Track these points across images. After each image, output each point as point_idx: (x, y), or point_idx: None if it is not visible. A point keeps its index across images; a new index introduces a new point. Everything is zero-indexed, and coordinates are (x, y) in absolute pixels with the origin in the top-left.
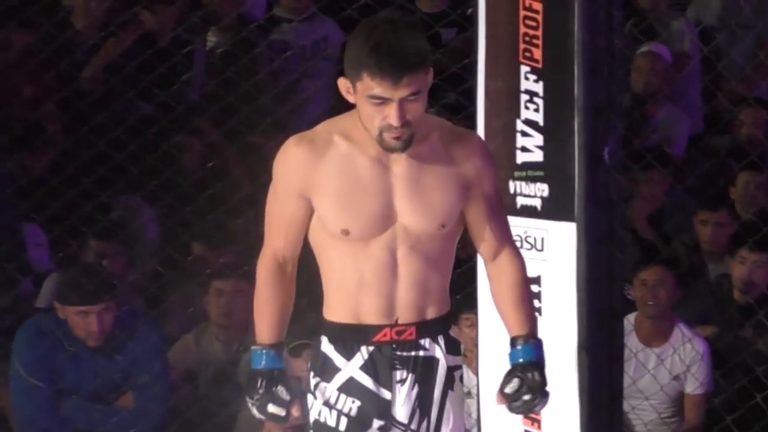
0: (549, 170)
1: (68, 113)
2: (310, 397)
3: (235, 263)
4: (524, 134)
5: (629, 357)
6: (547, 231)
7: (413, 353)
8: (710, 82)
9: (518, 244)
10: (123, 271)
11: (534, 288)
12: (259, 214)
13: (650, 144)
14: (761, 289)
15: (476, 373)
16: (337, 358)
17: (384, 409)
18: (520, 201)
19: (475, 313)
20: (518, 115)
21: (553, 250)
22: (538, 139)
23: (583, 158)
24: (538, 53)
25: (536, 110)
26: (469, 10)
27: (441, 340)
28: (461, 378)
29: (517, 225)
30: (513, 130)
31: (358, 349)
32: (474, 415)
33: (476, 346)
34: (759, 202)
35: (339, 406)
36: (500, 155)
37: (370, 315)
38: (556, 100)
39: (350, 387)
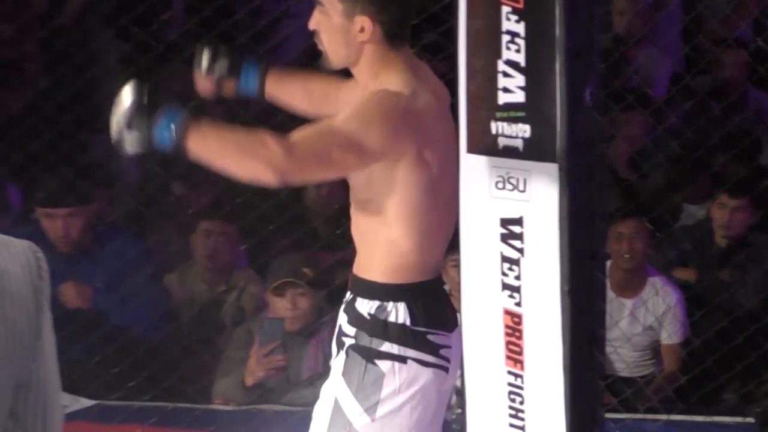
0: (530, 111)
1: (47, 52)
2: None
3: (217, 203)
4: (506, 75)
5: None
6: (529, 172)
7: None
8: (690, 22)
9: (500, 185)
10: (107, 212)
11: (516, 229)
12: None
13: (631, 85)
14: (741, 232)
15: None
16: None
17: None
18: (502, 142)
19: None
20: (499, 56)
21: (535, 191)
22: (519, 79)
23: (565, 99)
24: None
25: (517, 51)
26: None
27: None
28: None
29: (499, 166)
30: (494, 71)
31: None
32: None
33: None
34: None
35: None
36: (481, 96)
37: None
38: (538, 40)
39: None
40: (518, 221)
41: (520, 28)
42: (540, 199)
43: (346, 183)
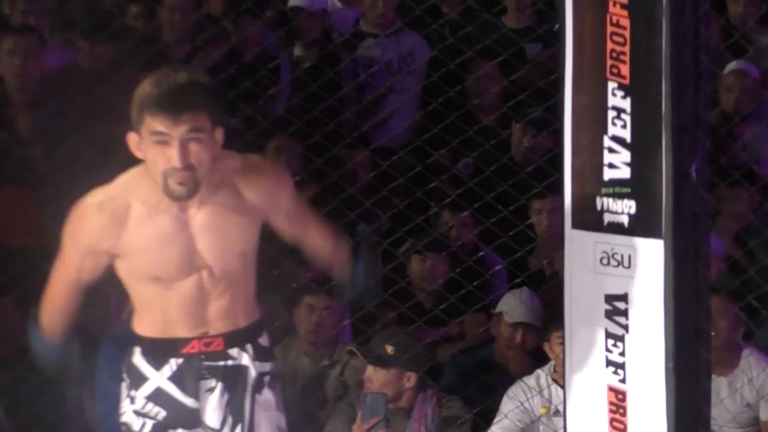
0: (636, 187)
1: None
2: (126, 403)
3: (323, 278)
4: (611, 150)
5: None
6: (634, 248)
7: (221, 363)
8: None
9: (605, 261)
10: None
11: (621, 305)
12: (348, 229)
13: (738, 162)
14: None
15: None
16: (147, 369)
17: (191, 419)
18: (607, 218)
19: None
20: (605, 131)
21: (641, 268)
22: (625, 155)
23: (671, 175)
24: (625, 69)
25: (623, 126)
26: (556, 26)
27: (249, 348)
28: (269, 383)
29: (604, 242)
30: (600, 146)
31: (167, 361)
32: None
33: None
34: None
35: (146, 412)
36: (587, 171)
37: (179, 329)
38: (644, 116)
39: (158, 396)
40: (623, 297)
41: (626, 104)
42: (645, 275)
43: (449, 258)
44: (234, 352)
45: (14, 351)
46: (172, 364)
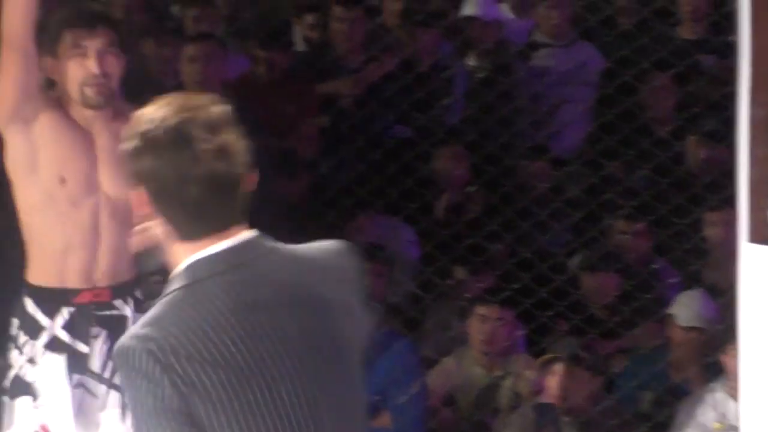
0: None
1: (327, 137)
2: (15, 353)
3: (496, 288)
4: None
5: None
6: None
7: (107, 312)
8: None
9: None
10: (383, 292)
11: None
12: (522, 241)
13: None
14: None
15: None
16: (42, 318)
17: (81, 363)
18: None
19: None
20: None
21: None
22: None
23: None
24: None
25: None
26: (731, 38)
27: (130, 300)
28: None
29: None
30: None
31: (59, 310)
32: None
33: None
34: None
35: (41, 362)
36: (764, 184)
37: (73, 279)
38: None
39: (54, 344)
40: None
41: None
42: None
43: (622, 270)
44: (118, 303)
45: None
46: (64, 313)
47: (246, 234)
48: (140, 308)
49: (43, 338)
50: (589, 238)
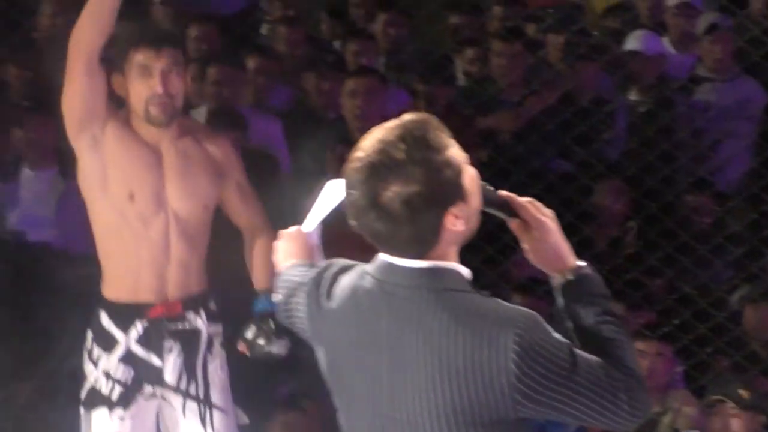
0: None
1: (486, 170)
2: (90, 366)
3: (655, 324)
4: None
5: None
6: None
7: (180, 325)
8: None
9: None
10: None
11: None
12: (682, 276)
13: None
14: None
15: None
16: (116, 332)
17: (155, 375)
18: None
19: None
20: None
21: None
22: None
23: None
24: None
25: None
26: None
27: (202, 312)
28: (221, 343)
29: None
30: None
31: (134, 324)
32: None
33: None
34: None
35: (117, 376)
36: None
37: (145, 294)
38: None
39: (128, 358)
40: None
41: None
42: None
43: None
44: (190, 315)
45: None
46: (138, 327)
47: None
48: (213, 319)
49: (118, 351)
50: (750, 274)
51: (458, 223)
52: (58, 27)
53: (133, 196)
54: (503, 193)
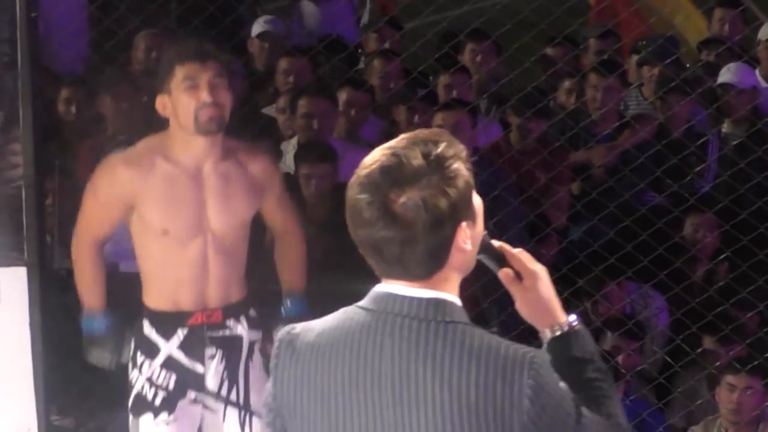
0: None
1: (578, 203)
2: (134, 372)
3: (746, 357)
4: None
5: None
6: None
7: (220, 332)
8: None
9: None
10: (634, 361)
11: None
12: None
13: None
14: None
15: None
16: (158, 339)
17: (197, 382)
18: None
19: None
20: None
21: None
22: None
23: None
24: None
25: None
26: None
27: (243, 319)
28: (259, 348)
29: None
30: None
31: (175, 331)
32: None
33: None
34: None
35: (159, 381)
36: None
37: (186, 303)
38: None
39: (170, 363)
40: None
41: None
42: None
43: None
44: (230, 323)
45: None
46: (179, 334)
47: None
48: (253, 325)
49: (160, 358)
50: None
51: (467, 242)
52: (152, 61)
53: (167, 232)
54: (495, 242)
